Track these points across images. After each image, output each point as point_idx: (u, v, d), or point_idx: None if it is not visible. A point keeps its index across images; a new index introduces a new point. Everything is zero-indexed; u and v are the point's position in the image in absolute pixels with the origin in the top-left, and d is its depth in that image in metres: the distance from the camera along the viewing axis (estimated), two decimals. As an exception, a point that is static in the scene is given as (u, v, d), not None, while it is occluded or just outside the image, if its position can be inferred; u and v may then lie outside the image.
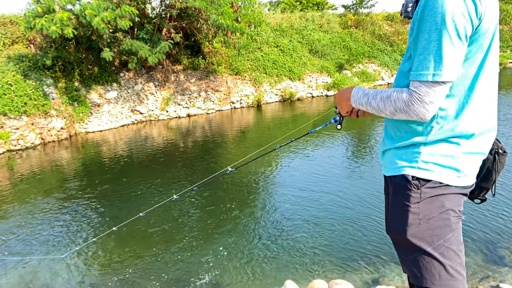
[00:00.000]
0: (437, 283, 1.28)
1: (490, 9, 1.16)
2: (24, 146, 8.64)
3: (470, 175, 1.31)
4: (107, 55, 9.68)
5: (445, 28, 1.11)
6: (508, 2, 23.85)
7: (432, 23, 1.13)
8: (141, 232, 4.51)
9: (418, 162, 1.29)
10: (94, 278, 3.67)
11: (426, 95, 1.17)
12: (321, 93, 14.31)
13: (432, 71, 1.14)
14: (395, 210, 1.38)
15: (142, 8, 11.31)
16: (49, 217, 5.03)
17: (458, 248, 1.30)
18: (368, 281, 3.37)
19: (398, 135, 1.37)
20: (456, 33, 1.12)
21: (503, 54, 20.02)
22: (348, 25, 18.46)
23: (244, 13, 12.02)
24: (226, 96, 12.66)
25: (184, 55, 13.01)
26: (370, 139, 8.31)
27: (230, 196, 5.51)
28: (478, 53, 1.20)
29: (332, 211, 4.73)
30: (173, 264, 3.80)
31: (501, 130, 7.63)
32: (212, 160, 7.36)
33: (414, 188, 1.29)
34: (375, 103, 1.32)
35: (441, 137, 1.27)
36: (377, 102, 1.31)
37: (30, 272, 3.80)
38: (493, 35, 1.21)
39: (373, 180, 5.62)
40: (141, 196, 5.57)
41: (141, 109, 11.26)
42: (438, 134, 1.27)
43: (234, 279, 3.52)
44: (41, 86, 9.52)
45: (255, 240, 4.17)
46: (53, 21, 8.54)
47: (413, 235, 1.30)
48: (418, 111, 1.19)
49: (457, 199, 1.31)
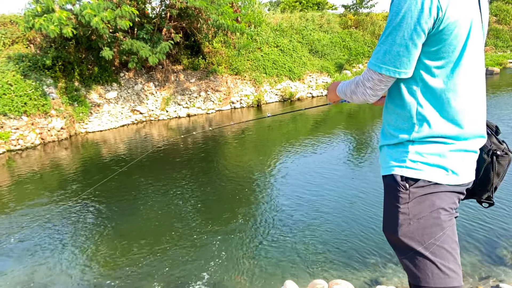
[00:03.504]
0: (430, 281, 1.29)
1: (455, 7, 1.14)
2: (24, 146, 8.64)
3: (461, 173, 1.30)
4: (106, 54, 9.68)
5: (398, 25, 1.18)
6: (508, 2, 23.84)
7: (389, 19, 1.22)
8: (141, 232, 4.51)
9: (406, 162, 1.30)
10: (94, 278, 3.67)
11: (367, 80, 1.33)
12: (321, 93, 14.31)
13: (375, 61, 1.27)
14: (387, 210, 1.40)
15: (142, 8, 11.31)
16: (49, 217, 5.03)
17: (451, 246, 1.30)
18: (368, 281, 3.37)
19: (388, 132, 1.40)
20: (408, 31, 1.17)
21: (503, 54, 20.00)
22: (348, 25, 18.47)
23: (244, 13, 12.03)
24: (226, 96, 12.66)
25: (184, 55, 13.01)
26: (370, 138, 8.31)
27: (230, 195, 5.51)
28: (451, 52, 1.20)
29: (332, 211, 4.73)
30: (173, 264, 3.80)
31: (502, 130, 7.60)
32: (212, 160, 7.36)
33: (403, 188, 1.30)
34: (346, 90, 1.49)
35: (426, 135, 1.27)
36: (345, 88, 1.49)
37: (29, 272, 3.80)
38: (468, 34, 1.20)
39: (373, 180, 5.62)
40: (141, 196, 5.57)
41: (141, 109, 11.26)
42: (422, 132, 1.28)
43: (234, 279, 3.52)
44: (41, 86, 9.53)
45: (255, 240, 4.17)
46: (52, 21, 8.54)
47: (404, 235, 1.31)
48: (360, 92, 1.38)
49: (448, 197, 1.30)
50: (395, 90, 1.35)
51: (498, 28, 22.07)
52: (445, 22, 1.15)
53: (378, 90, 1.33)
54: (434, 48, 1.20)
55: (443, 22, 1.15)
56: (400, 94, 1.32)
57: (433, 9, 1.12)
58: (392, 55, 1.22)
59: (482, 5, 1.26)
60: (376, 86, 1.31)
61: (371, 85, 1.32)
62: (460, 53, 1.21)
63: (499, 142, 1.42)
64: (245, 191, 5.71)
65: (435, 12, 1.13)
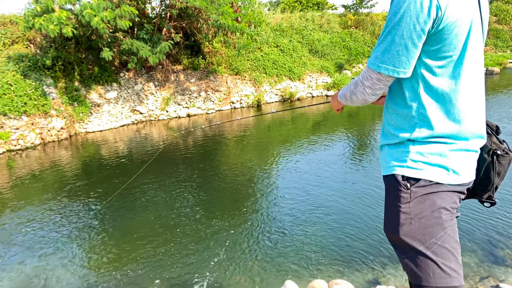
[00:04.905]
0: (431, 281, 1.29)
1: (454, 7, 1.14)
2: (24, 146, 8.64)
3: (462, 172, 1.30)
4: (106, 55, 9.68)
5: (397, 24, 1.18)
6: (508, 2, 23.84)
7: (388, 18, 1.22)
8: (142, 232, 4.50)
9: (407, 161, 1.30)
10: (94, 278, 3.66)
11: (366, 79, 1.32)
12: (321, 93, 14.31)
13: (374, 60, 1.26)
14: (388, 210, 1.40)
15: (142, 8, 11.31)
16: (49, 217, 5.03)
17: (452, 246, 1.30)
18: (368, 281, 3.37)
19: (389, 131, 1.40)
20: (407, 30, 1.17)
21: (503, 54, 20.00)
22: (348, 25, 18.47)
23: (244, 13, 12.03)
24: (226, 96, 12.66)
25: (184, 55, 13.01)
26: (371, 138, 8.31)
27: (230, 195, 5.51)
28: (451, 52, 1.20)
29: (332, 210, 4.73)
30: (173, 264, 3.80)
31: (502, 130, 7.60)
32: (212, 159, 7.36)
33: (404, 188, 1.30)
34: (346, 92, 1.49)
35: (427, 135, 1.27)
36: (345, 90, 1.49)
37: (29, 272, 3.80)
38: (468, 34, 1.20)
39: (373, 180, 5.62)
40: (141, 196, 5.57)
41: (141, 109, 11.26)
42: (423, 132, 1.28)
43: (234, 279, 3.52)
44: (41, 86, 9.53)
45: (255, 240, 4.17)
46: (52, 21, 8.55)
47: (405, 235, 1.32)
48: (359, 92, 1.37)
49: (449, 197, 1.31)
50: (396, 90, 1.35)
51: (498, 28, 22.07)
52: (444, 22, 1.15)
53: (377, 89, 1.32)
54: (434, 47, 1.20)
55: (442, 21, 1.15)
56: (401, 93, 1.32)
57: (432, 8, 1.12)
58: (391, 54, 1.21)
59: (482, 5, 1.26)
60: (375, 86, 1.31)
61: (369, 84, 1.32)
62: (460, 53, 1.21)
63: (500, 142, 1.42)
64: (245, 190, 5.70)
65: (434, 12, 1.13)
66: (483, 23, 1.28)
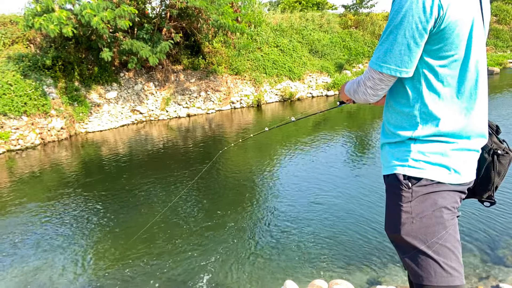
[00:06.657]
0: (433, 280, 1.29)
1: (456, 7, 1.15)
2: (24, 146, 8.64)
3: (463, 172, 1.30)
4: (105, 55, 9.68)
5: (399, 23, 1.18)
6: (508, 2, 23.83)
7: (390, 18, 1.22)
8: (141, 232, 4.50)
9: (409, 161, 1.30)
10: (94, 278, 3.66)
11: (368, 80, 1.32)
12: (321, 93, 14.31)
13: (376, 60, 1.26)
14: (389, 209, 1.40)
15: (142, 8, 11.31)
16: (49, 217, 5.03)
17: (453, 245, 1.30)
18: (368, 281, 3.37)
19: (389, 130, 1.40)
20: (409, 30, 1.17)
21: (503, 54, 19.99)
22: (348, 25, 18.46)
23: (244, 13, 12.02)
24: (226, 96, 12.66)
25: (184, 55, 13.01)
26: (371, 138, 8.31)
27: (230, 195, 5.51)
28: (453, 51, 1.20)
29: (332, 211, 4.72)
30: (173, 264, 3.80)
31: (502, 130, 7.60)
32: (211, 159, 7.35)
33: (405, 187, 1.30)
34: (350, 89, 1.49)
35: (429, 133, 1.28)
36: (350, 86, 1.49)
37: (29, 272, 3.79)
38: (470, 33, 1.20)
39: (373, 180, 5.62)
40: (141, 196, 5.57)
41: (141, 109, 11.26)
42: (425, 131, 1.28)
43: (234, 279, 3.52)
44: (41, 86, 9.52)
45: (255, 240, 4.17)
46: (52, 20, 8.55)
47: (407, 234, 1.32)
48: (361, 92, 1.38)
49: (451, 196, 1.31)
50: (397, 89, 1.34)
51: (498, 28, 22.07)
52: (446, 21, 1.15)
53: (379, 90, 1.32)
54: (436, 46, 1.20)
55: (444, 21, 1.15)
56: (403, 92, 1.32)
57: (434, 8, 1.13)
58: (394, 54, 1.21)
59: (483, 4, 1.26)
60: (377, 86, 1.31)
61: (371, 85, 1.32)
62: (465, 53, 1.21)
63: (500, 142, 1.43)
64: (245, 191, 5.70)
65: (436, 11, 1.13)
66: (485, 23, 1.28)
